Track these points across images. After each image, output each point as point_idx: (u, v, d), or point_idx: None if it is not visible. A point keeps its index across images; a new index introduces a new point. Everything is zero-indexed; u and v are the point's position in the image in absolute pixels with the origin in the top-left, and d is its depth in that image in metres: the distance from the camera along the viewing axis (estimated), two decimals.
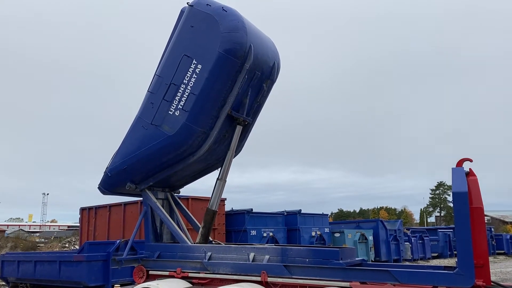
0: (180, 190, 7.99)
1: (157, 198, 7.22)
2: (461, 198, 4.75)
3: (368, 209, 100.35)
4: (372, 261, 20.39)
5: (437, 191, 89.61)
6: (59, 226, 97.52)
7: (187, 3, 6.64)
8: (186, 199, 14.46)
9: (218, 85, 6.26)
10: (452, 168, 5.09)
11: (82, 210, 17.80)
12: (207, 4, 6.40)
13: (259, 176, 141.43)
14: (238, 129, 6.90)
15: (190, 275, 6.30)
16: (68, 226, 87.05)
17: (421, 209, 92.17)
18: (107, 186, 7.26)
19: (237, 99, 6.55)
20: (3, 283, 13.96)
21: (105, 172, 7.16)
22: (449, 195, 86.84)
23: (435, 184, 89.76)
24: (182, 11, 6.85)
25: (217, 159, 7.19)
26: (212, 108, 6.37)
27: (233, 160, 7.20)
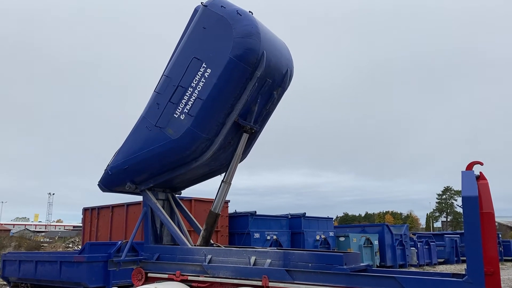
0: (181, 191, 7.86)
1: (157, 199, 7.08)
2: (471, 202, 4.56)
3: (373, 213, 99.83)
4: (377, 266, 20.13)
5: (444, 196, 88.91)
6: (64, 226, 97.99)
7: (201, 2, 6.42)
8: (189, 200, 14.33)
9: (226, 91, 6.05)
10: (462, 172, 4.89)
11: (85, 210, 17.74)
12: (221, 6, 6.16)
13: (266, 179, 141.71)
14: (245, 137, 6.69)
15: (190, 278, 6.15)
16: (74, 226, 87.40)
17: (427, 214, 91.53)
18: (107, 184, 7.15)
19: (245, 106, 6.33)
20: (4, 282, 13.90)
21: (105, 170, 7.05)
22: (456, 200, 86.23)
23: (442, 189, 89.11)
24: (196, 10, 6.63)
25: (221, 165, 7.04)
26: (219, 114, 6.16)
27: (243, 161, 7.05)
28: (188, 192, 8.14)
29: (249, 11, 6.24)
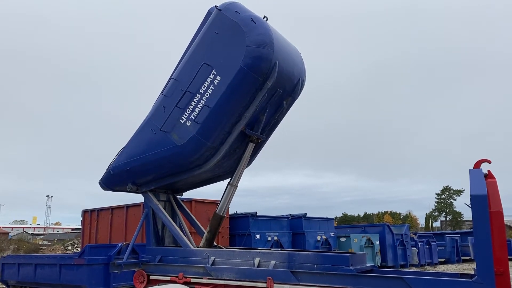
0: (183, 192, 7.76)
1: (159, 200, 7.00)
2: (480, 201, 4.47)
3: (372, 213, 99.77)
4: (378, 266, 20.03)
5: (443, 196, 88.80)
6: (63, 228, 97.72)
7: (216, 6, 6.22)
8: (190, 201, 14.23)
9: (235, 101, 5.88)
10: (470, 170, 4.81)
11: (84, 212, 17.61)
12: (236, 11, 5.96)
13: (269, 180, 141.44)
14: (251, 146, 6.56)
15: (193, 280, 6.06)
16: (72, 229, 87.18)
17: (426, 213, 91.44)
18: (108, 183, 7.07)
19: (253, 116, 6.18)
20: (3, 286, 13.77)
21: (107, 169, 6.96)
22: (455, 199, 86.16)
23: (441, 188, 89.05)
24: (209, 12, 6.42)
25: (225, 171, 6.96)
26: (226, 123, 6.02)
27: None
28: (189, 193, 8.06)
29: (264, 16, 6.04)
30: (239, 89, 5.82)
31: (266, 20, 6.05)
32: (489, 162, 4.90)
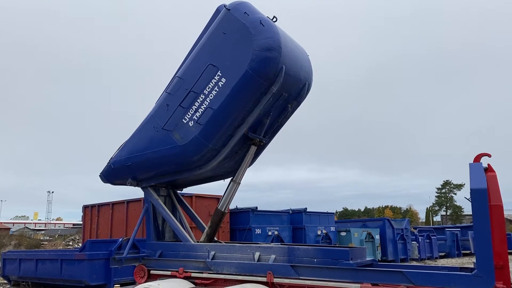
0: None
1: (159, 195, 6.99)
2: (479, 195, 4.46)
3: (373, 208, 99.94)
4: (379, 260, 20.08)
5: (443, 190, 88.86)
6: (64, 224, 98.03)
7: (224, 5, 6.10)
8: (190, 196, 14.25)
9: (239, 104, 5.79)
10: (470, 164, 4.80)
11: (85, 208, 17.63)
12: (245, 13, 5.82)
13: (270, 175, 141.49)
14: (252, 149, 6.50)
15: (193, 275, 6.07)
16: (73, 224, 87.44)
17: (427, 208, 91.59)
18: (108, 176, 7.07)
19: (256, 119, 6.09)
20: (5, 281, 13.83)
21: (108, 162, 6.95)
22: (455, 193, 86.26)
23: (441, 182, 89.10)
24: (218, 10, 6.29)
25: (226, 171, 6.94)
26: (228, 126, 5.94)
27: None
28: (190, 188, 8.06)
29: (274, 17, 5.91)
30: (244, 93, 5.73)
31: (275, 21, 5.92)
32: (489, 156, 4.88)
